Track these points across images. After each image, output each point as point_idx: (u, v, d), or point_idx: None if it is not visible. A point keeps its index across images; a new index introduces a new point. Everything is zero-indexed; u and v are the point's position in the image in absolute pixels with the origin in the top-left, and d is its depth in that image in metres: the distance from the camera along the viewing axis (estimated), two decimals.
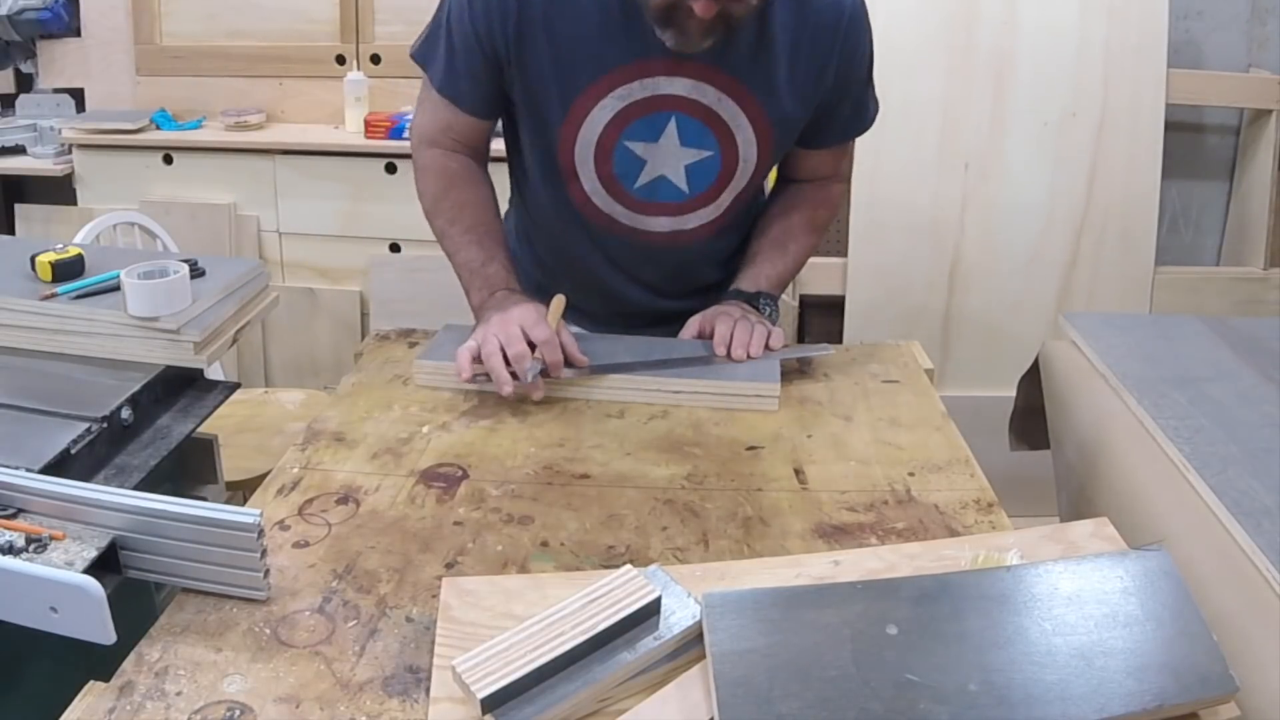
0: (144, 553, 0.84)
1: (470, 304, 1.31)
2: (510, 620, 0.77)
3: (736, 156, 1.29)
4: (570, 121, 1.25)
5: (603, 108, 1.23)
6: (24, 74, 3.02)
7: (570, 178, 1.30)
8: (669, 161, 1.28)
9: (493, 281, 1.28)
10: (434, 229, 1.36)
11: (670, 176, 1.29)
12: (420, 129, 1.35)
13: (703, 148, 1.27)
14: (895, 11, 2.40)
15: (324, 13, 2.84)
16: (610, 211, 1.33)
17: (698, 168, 1.29)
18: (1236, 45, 2.72)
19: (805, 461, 1.10)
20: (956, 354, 2.60)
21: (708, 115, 1.25)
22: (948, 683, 0.70)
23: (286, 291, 2.76)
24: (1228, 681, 0.71)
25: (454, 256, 1.33)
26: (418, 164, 1.36)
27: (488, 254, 1.30)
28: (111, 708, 0.73)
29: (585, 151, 1.27)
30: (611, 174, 1.29)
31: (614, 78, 1.21)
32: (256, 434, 2.13)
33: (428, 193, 1.35)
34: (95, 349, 1.20)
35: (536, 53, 1.21)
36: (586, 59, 1.21)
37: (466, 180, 1.34)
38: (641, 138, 1.26)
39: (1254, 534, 0.92)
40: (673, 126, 1.25)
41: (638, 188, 1.30)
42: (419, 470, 1.07)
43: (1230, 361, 1.30)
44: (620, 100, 1.23)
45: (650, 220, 1.34)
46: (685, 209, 1.33)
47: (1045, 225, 2.54)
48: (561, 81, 1.22)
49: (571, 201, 1.33)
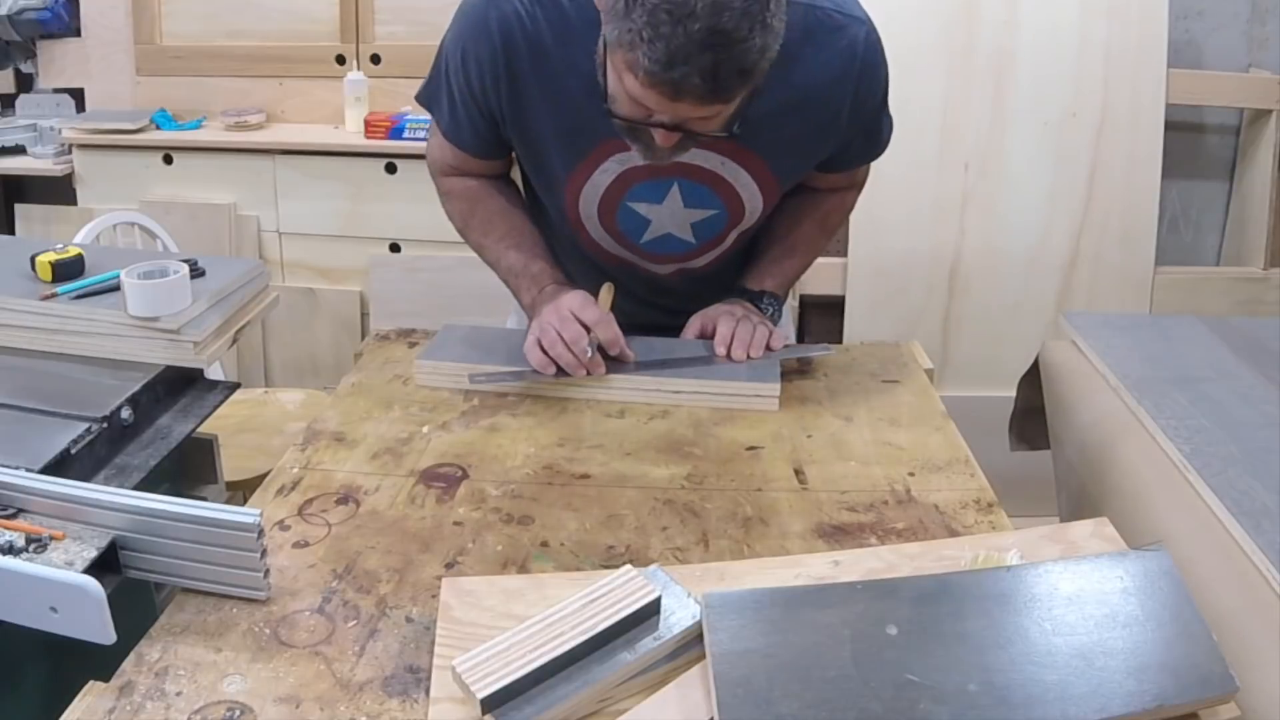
0: (144, 553, 0.84)
1: (522, 305, 1.32)
2: (510, 620, 0.77)
3: (742, 210, 1.28)
4: (572, 183, 1.25)
5: (604, 171, 1.22)
6: (24, 74, 3.02)
7: (578, 226, 1.31)
8: (674, 220, 1.28)
9: (539, 279, 1.28)
10: (471, 245, 1.36)
11: (676, 233, 1.30)
12: (436, 159, 1.34)
13: (707, 208, 1.27)
14: (895, 12, 2.40)
15: (324, 13, 2.84)
16: (619, 255, 1.34)
17: (703, 224, 1.29)
18: (1236, 45, 2.72)
19: (805, 461, 1.10)
20: (956, 354, 2.60)
21: (712, 179, 1.23)
22: (948, 683, 0.70)
23: (286, 291, 2.76)
24: (1228, 681, 0.71)
25: (497, 266, 1.33)
26: (440, 190, 1.36)
27: (528, 255, 1.30)
28: (111, 708, 0.73)
29: (589, 208, 1.27)
30: (618, 230, 1.29)
31: (612, 145, 1.18)
32: (256, 434, 2.13)
33: (456, 214, 1.36)
34: (95, 349, 1.20)
35: (534, 116, 1.20)
36: (584, 124, 1.17)
37: (490, 193, 1.33)
38: (645, 199, 1.25)
39: (1254, 534, 0.92)
40: (675, 191, 1.24)
41: (644, 243, 1.31)
42: (419, 470, 1.07)
43: (1230, 361, 1.30)
44: (620, 164, 1.21)
45: (659, 265, 1.35)
46: (692, 256, 1.34)
47: (1045, 225, 2.54)
48: (560, 144, 1.21)
49: (581, 243, 1.34)
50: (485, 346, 1.30)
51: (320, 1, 2.83)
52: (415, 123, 2.69)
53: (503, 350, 1.29)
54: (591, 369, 1.20)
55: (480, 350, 1.28)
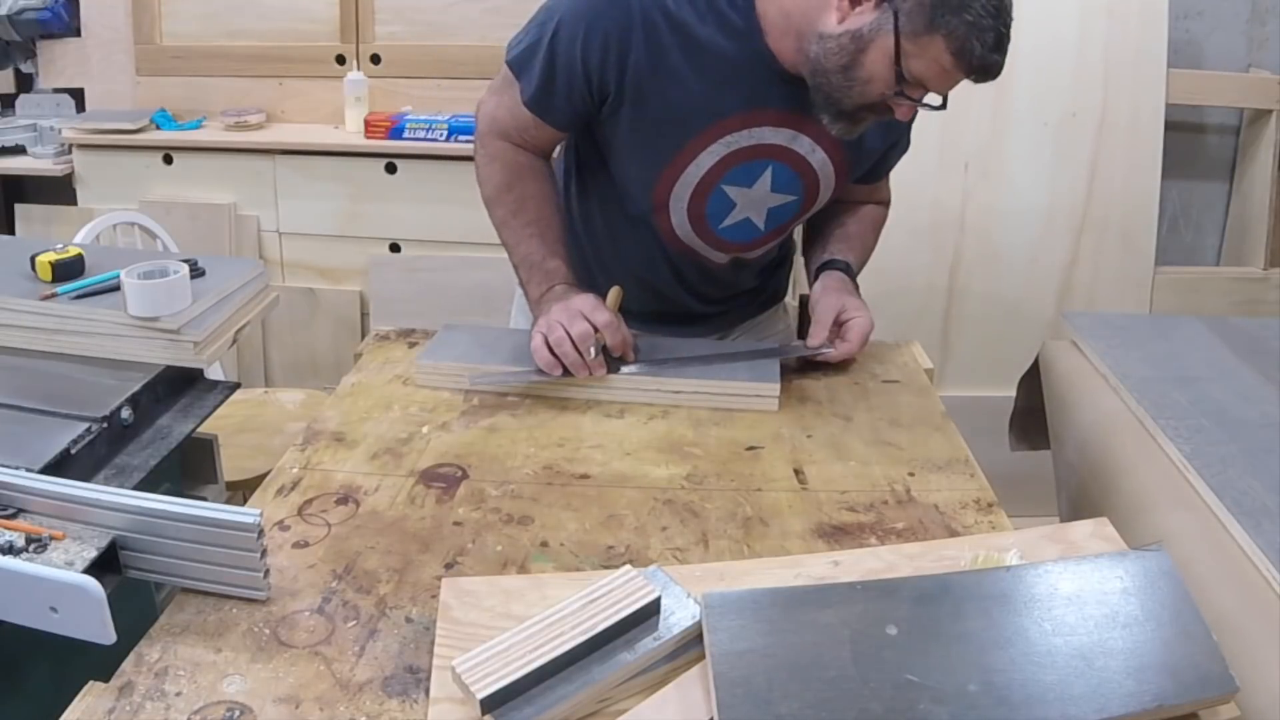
0: (144, 553, 0.84)
1: (528, 297, 1.31)
2: (510, 620, 0.77)
3: (816, 198, 1.33)
4: (676, 163, 1.26)
5: (710, 153, 1.24)
6: (24, 74, 3.02)
7: (659, 210, 1.31)
8: (756, 206, 1.31)
9: (552, 276, 1.27)
10: (494, 217, 1.34)
11: (753, 219, 1.32)
12: (494, 119, 1.31)
13: (789, 193, 1.30)
14: None
15: (324, 13, 2.84)
16: (689, 243, 1.35)
17: (779, 210, 1.32)
18: (1236, 45, 2.72)
19: (805, 461, 1.10)
20: (956, 354, 2.60)
21: (801, 164, 1.27)
22: (947, 683, 0.70)
23: (286, 291, 2.76)
24: (1228, 681, 0.71)
25: (514, 248, 1.32)
26: (484, 152, 1.33)
27: (548, 249, 1.29)
28: (111, 708, 0.73)
29: (684, 190, 1.28)
30: (703, 212, 1.31)
31: (727, 124, 1.22)
32: (256, 434, 2.13)
33: (491, 181, 1.32)
34: (95, 349, 1.20)
35: (655, 95, 1.21)
36: (703, 106, 1.21)
37: (533, 175, 1.32)
38: (738, 182, 1.28)
39: (1254, 534, 0.92)
40: (768, 174, 1.27)
41: (722, 228, 1.32)
42: (419, 470, 1.07)
43: (1230, 361, 1.30)
44: (726, 147, 1.24)
45: (720, 253, 1.37)
46: (756, 245, 1.37)
47: (1045, 225, 2.54)
48: (676, 126, 1.23)
49: (654, 228, 1.34)
50: (485, 346, 1.30)
51: (320, 1, 2.83)
52: (415, 123, 2.69)
53: (503, 350, 1.29)
54: (594, 370, 1.21)
55: (480, 350, 1.28)
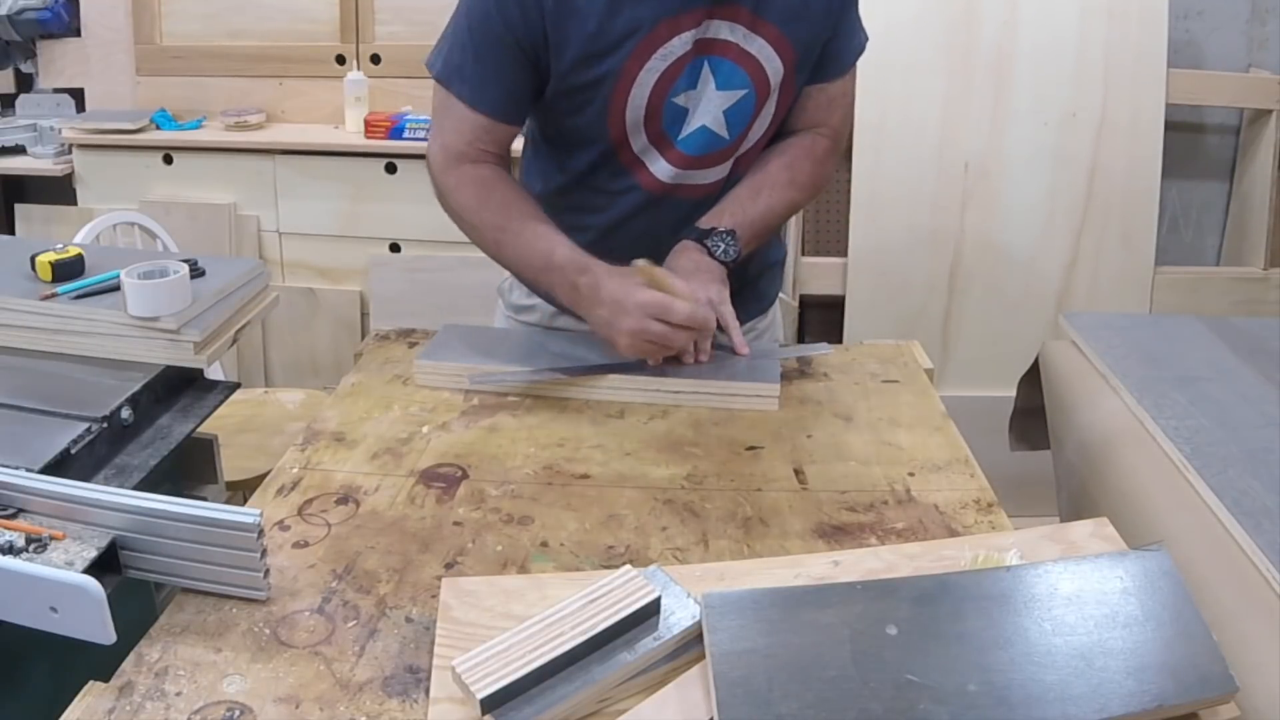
0: (144, 553, 0.84)
1: (560, 300, 1.27)
2: (510, 620, 0.77)
3: (768, 85, 1.28)
4: (620, 88, 1.23)
5: (649, 70, 1.22)
6: (24, 74, 3.03)
7: (620, 145, 1.28)
8: (709, 109, 1.27)
9: (566, 270, 1.23)
10: (484, 242, 1.29)
11: (711, 126, 1.28)
12: (445, 148, 1.29)
13: (737, 87, 1.27)
14: (896, 12, 2.40)
15: (324, 13, 2.84)
16: (666, 179, 1.31)
17: (735, 110, 1.28)
18: (1236, 45, 2.72)
19: (805, 461, 1.10)
20: (956, 354, 2.61)
21: (736, 53, 1.24)
22: (947, 683, 0.70)
23: (286, 291, 2.77)
24: (1228, 681, 0.71)
25: (516, 264, 1.29)
26: (447, 185, 1.29)
27: (550, 243, 1.25)
28: (111, 708, 0.73)
29: (636, 114, 1.26)
30: (660, 129, 1.28)
31: (654, 38, 1.20)
32: (256, 434, 2.14)
33: (467, 206, 1.28)
34: (95, 349, 1.20)
35: (575, 34, 1.19)
36: (622, 29, 1.19)
37: (502, 180, 1.30)
38: (683, 89, 1.25)
39: (1254, 534, 0.92)
40: (707, 71, 1.25)
41: (682, 138, 1.29)
42: (419, 470, 1.07)
43: (1230, 361, 1.30)
44: (664, 60, 1.22)
45: (699, 174, 1.32)
46: (728, 154, 1.32)
47: (1045, 225, 2.54)
48: (603, 57, 1.21)
49: (626, 172, 1.31)
50: (485, 346, 1.30)
51: (320, 1, 2.83)
52: (415, 123, 2.70)
53: (503, 350, 1.29)
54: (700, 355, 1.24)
55: (480, 350, 1.28)
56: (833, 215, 2.65)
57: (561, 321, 1.42)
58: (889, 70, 2.42)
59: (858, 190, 2.53)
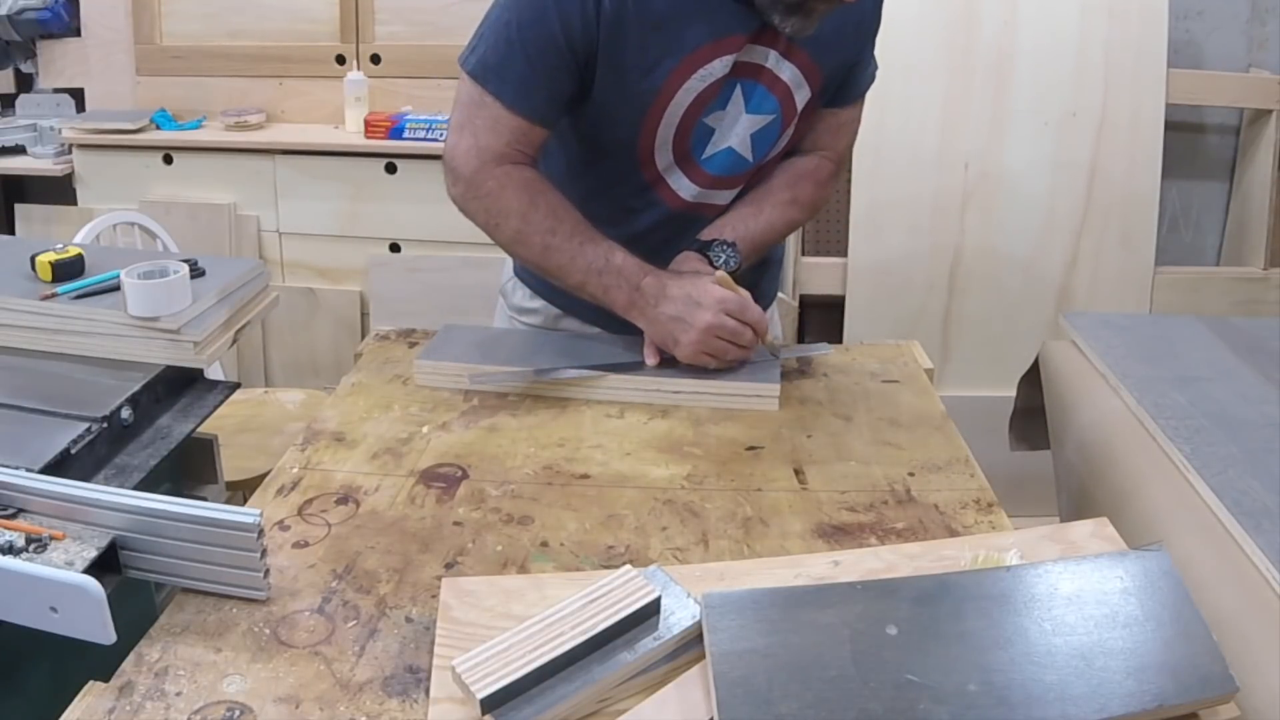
0: (144, 553, 0.84)
1: (615, 305, 1.25)
2: (510, 620, 0.77)
3: (794, 109, 1.29)
4: (656, 105, 1.23)
5: (686, 90, 1.22)
6: (24, 74, 3.03)
7: (647, 161, 1.29)
8: (736, 131, 1.27)
9: (626, 274, 1.23)
10: (529, 245, 1.25)
11: (736, 147, 1.29)
12: (483, 149, 1.24)
13: (765, 112, 1.27)
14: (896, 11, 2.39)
15: (324, 13, 2.84)
16: (690, 197, 1.32)
17: (761, 134, 1.29)
18: (1236, 45, 2.72)
19: (805, 461, 1.10)
20: (956, 354, 2.61)
21: (769, 77, 1.25)
22: (947, 683, 0.70)
23: (286, 291, 2.77)
24: (1228, 682, 0.71)
25: (566, 267, 1.25)
26: (488, 187, 1.24)
27: (606, 247, 1.24)
28: (111, 708, 0.73)
29: (667, 132, 1.26)
30: (686, 148, 1.28)
31: (696, 58, 1.20)
32: (256, 434, 2.14)
33: (514, 210, 1.23)
34: (95, 349, 1.20)
35: (628, 42, 1.18)
36: (673, 44, 1.19)
37: (547, 184, 1.27)
38: (714, 110, 1.26)
39: (1254, 534, 0.92)
40: (738, 93, 1.25)
41: (705, 158, 1.29)
42: (419, 470, 1.07)
43: (1230, 361, 1.30)
44: (702, 81, 1.22)
45: (720, 194, 1.33)
46: (751, 175, 1.33)
47: (1045, 225, 2.54)
48: (648, 72, 1.21)
49: (648, 188, 1.31)
50: (485, 346, 1.30)
51: (320, 1, 2.83)
52: (415, 123, 2.70)
53: (503, 350, 1.29)
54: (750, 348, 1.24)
55: (480, 350, 1.28)
56: (833, 215, 2.65)
57: (565, 324, 1.42)
58: (889, 70, 2.40)
59: (858, 190, 2.53)
